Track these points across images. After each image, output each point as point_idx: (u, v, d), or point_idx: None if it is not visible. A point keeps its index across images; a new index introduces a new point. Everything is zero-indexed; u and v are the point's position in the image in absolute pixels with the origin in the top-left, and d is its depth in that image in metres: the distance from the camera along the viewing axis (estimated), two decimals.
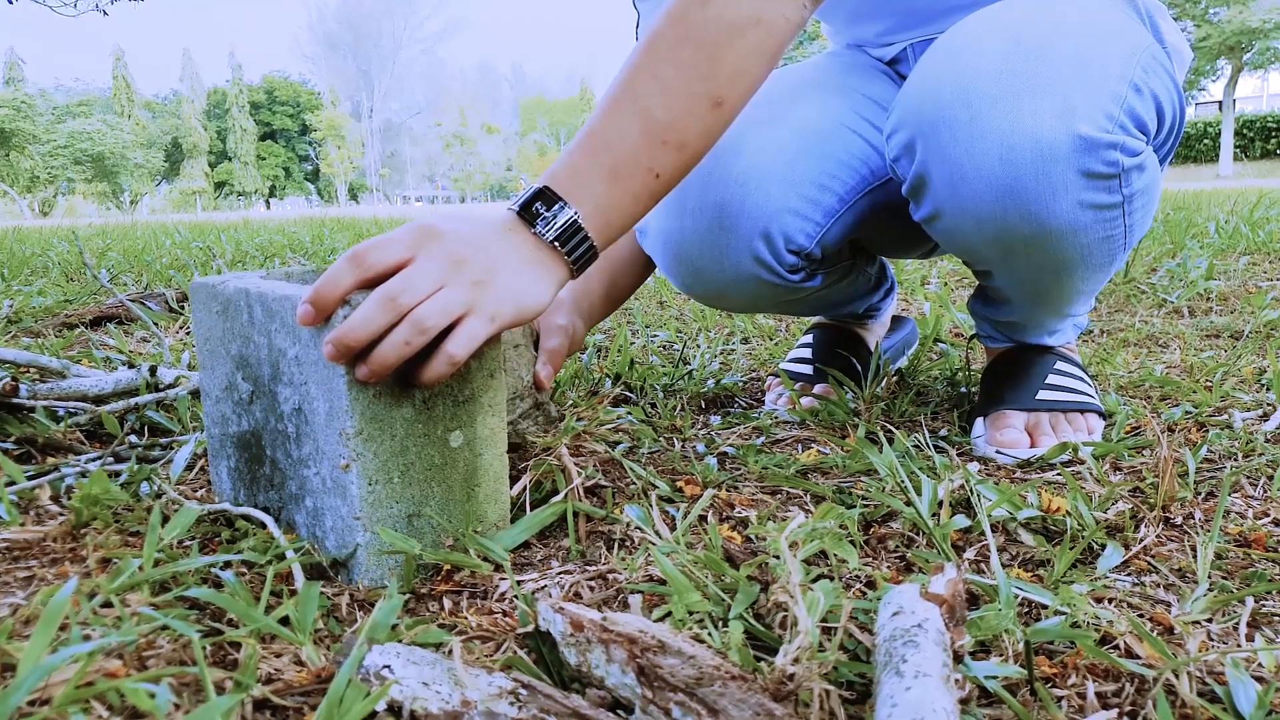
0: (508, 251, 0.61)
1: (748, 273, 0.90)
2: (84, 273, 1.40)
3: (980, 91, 0.71)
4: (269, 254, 3.53)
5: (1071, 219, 0.73)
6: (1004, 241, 0.77)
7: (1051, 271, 0.80)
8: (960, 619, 0.46)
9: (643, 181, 0.65)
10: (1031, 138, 0.69)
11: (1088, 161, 0.70)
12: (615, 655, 0.44)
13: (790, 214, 0.87)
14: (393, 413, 0.60)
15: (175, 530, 0.60)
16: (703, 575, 0.57)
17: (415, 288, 0.56)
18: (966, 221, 0.76)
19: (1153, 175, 0.76)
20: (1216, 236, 2.97)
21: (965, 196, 0.74)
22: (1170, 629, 0.54)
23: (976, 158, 0.72)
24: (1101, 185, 0.72)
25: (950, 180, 0.74)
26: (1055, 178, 0.70)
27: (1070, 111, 0.69)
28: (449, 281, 0.58)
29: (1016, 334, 0.96)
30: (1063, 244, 0.75)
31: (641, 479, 0.79)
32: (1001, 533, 0.68)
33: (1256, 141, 24.60)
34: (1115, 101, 0.69)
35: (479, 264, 0.59)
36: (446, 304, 0.57)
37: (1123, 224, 0.76)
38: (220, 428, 0.72)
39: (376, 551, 0.60)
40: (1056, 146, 0.69)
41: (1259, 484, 0.78)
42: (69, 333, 1.61)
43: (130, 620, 0.50)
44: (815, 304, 1.08)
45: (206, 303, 0.71)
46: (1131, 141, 0.71)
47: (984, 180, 0.72)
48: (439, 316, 0.57)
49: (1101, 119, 0.69)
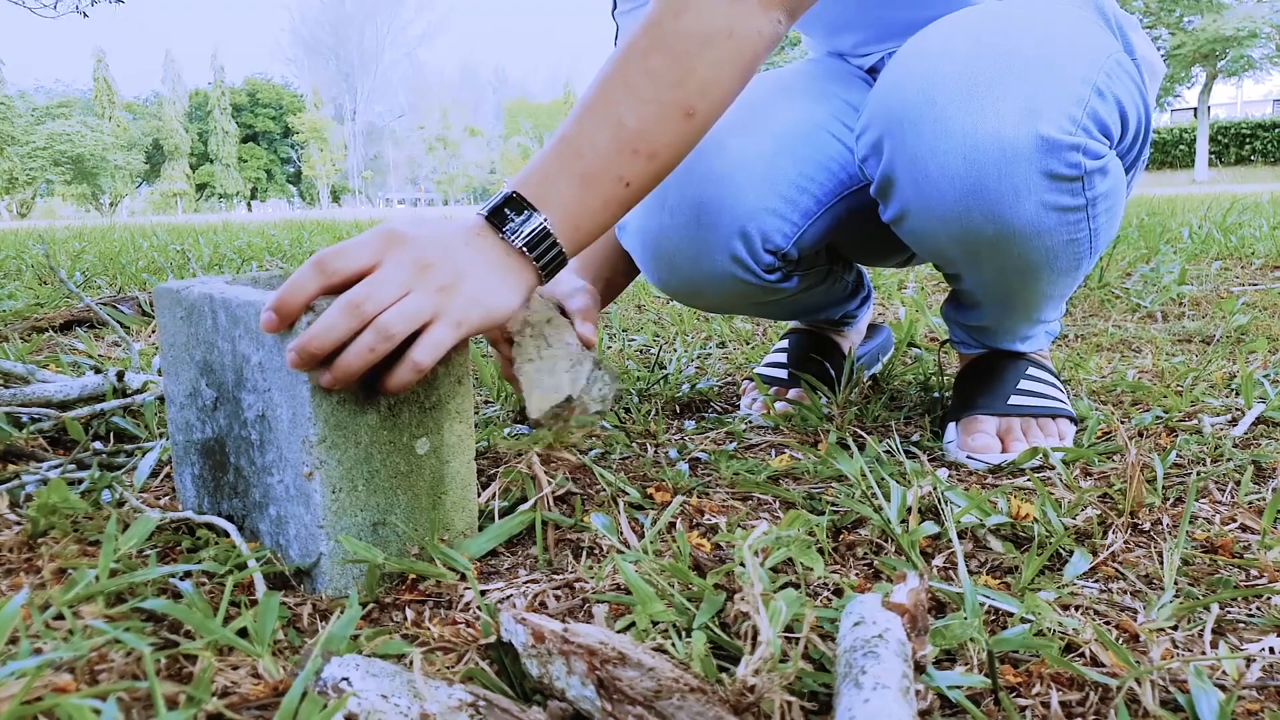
0: (475, 256, 0.61)
1: (724, 271, 0.90)
2: (58, 276, 1.38)
3: (945, 91, 0.71)
4: (247, 257, 3.51)
5: (1035, 220, 0.73)
6: (968, 242, 0.77)
7: (1017, 274, 0.80)
8: (923, 628, 0.46)
9: (613, 189, 0.65)
10: (995, 137, 0.70)
11: (1050, 163, 0.70)
12: (576, 667, 0.43)
13: (768, 213, 0.87)
14: (357, 419, 0.60)
15: (133, 540, 0.59)
16: (669, 584, 0.57)
17: (379, 294, 0.56)
18: (931, 221, 0.77)
19: (1116, 180, 0.77)
20: (1190, 241, 3.00)
21: (930, 196, 0.75)
22: (1136, 636, 0.54)
23: (941, 157, 0.72)
24: (1065, 187, 0.72)
25: (915, 180, 0.75)
26: (1018, 178, 0.71)
27: (1033, 112, 0.69)
28: (414, 287, 0.57)
29: (988, 339, 0.97)
30: (1027, 246, 0.76)
31: (611, 486, 0.79)
32: (970, 539, 0.68)
33: (1231, 147, 24.91)
34: (1078, 104, 0.70)
35: (446, 269, 0.58)
36: (412, 310, 0.56)
37: (1087, 228, 0.77)
38: (184, 434, 0.71)
39: (340, 560, 0.60)
40: (1019, 146, 0.69)
41: (1226, 489, 0.78)
42: (37, 336, 1.58)
43: (82, 633, 0.49)
44: (792, 308, 1.08)
45: (171, 308, 0.70)
46: (1094, 145, 0.71)
47: (948, 180, 0.73)
48: (404, 323, 0.56)
49: (1064, 120, 0.69)
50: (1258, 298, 1.86)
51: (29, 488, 0.76)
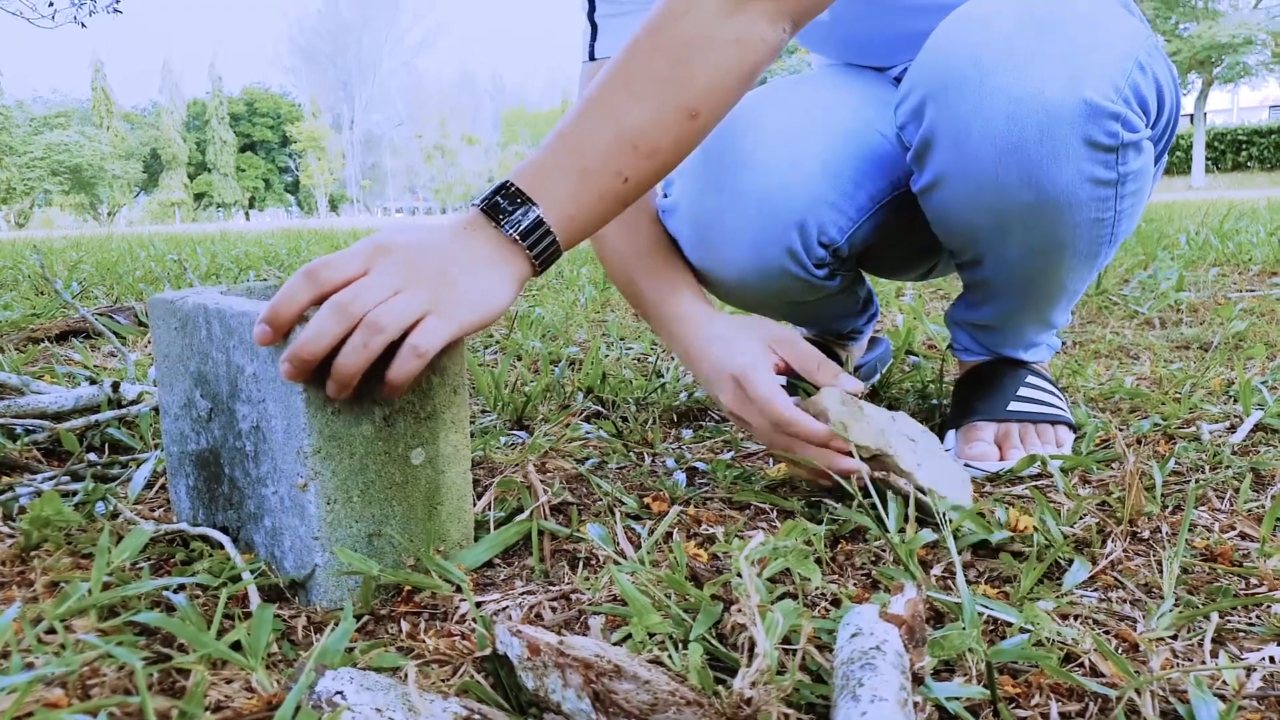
0: (466, 254, 0.61)
1: (777, 264, 0.90)
2: (53, 286, 1.38)
3: (992, 55, 0.72)
4: (244, 266, 3.50)
5: (1070, 189, 0.74)
6: (1002, 209, 0.77)
7: (1042, 253, 0.80)
8: (920, 639, 0.45)
9: (610, 184, 0.65)
10: (1039, 98, 0.70)
11: (1091, 129, 0.71)
12: (571, 680, 0.43)
13: (827, 206, 0.88)
14: (352, 430, 0.59)
15: (126, 553, 0.58)
16: (665, 595, 0.56)
17: (366, 295, 0.56)
18: (967, 185, 0.77)
19: (1147, 162, 0.77)
20: (1187, 248, 3.01)
21: (969, 158, 0.75)
22: (1135, 646, 0.53)
23: (984, 114, 0.72)
24: (1101, 158, 0.73)
25: (955, 139, 0.75)
26: (1059, 141, 0.71)
27: (1078, 77, 0.70)
28: (404, 287, 0.57)
29: (993, 342, 0.96)
30: (1058, 217, 0.76)
31: (608, 495, 0.78)
32: (969, 550, 0.68)
33: (1227, 154, 24.98)
34: (1122, 75, 0.71)
35: (435, 269, 0.58)
36: (400, 307, 0.56)
37: (1114, 208, 0.77)
38: (179, 446, 0.71)
39: (335, 572, 0.59)
40: (1063, 109, 0.70)
41: (1225, 497, 0.78)
42: (33, 347, 1.58)
43: (74, 647, 0.49)
44: (813, 313, 1.08)
45: (165, 319, 0.70)
46: (1133, 117, 0.72)
47: (989, 139, 0.73)
48: (393, 318, 0.56)
49: (1108, 88, 0.70)
50: (1255, 304, 1.86)
51: (22, 500, 0.75)
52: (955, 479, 0.74)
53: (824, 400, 0.75)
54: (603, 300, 2.28)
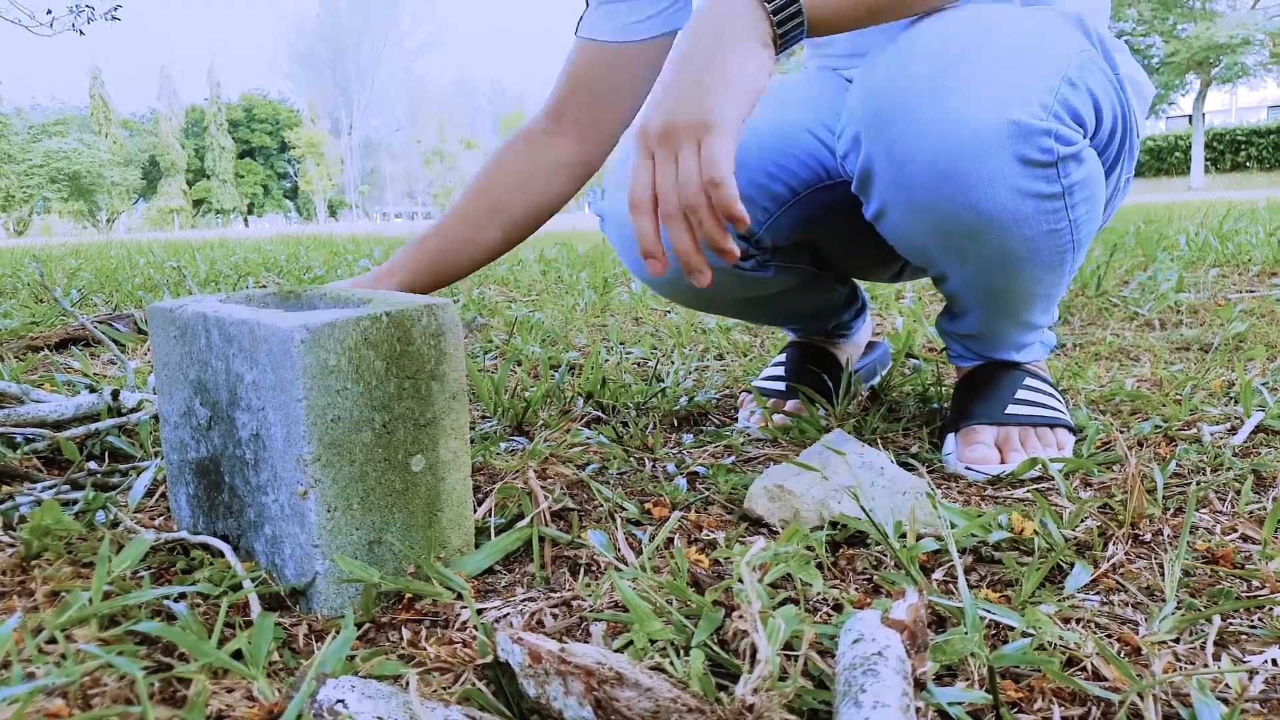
0: (712, 45, 0.68)
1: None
2: (52, 294, 1.38)
3: (919, 83, 0.73)
4: (243, 273, 3.51)
5: (1011, 206, 0.74)
6: (947, 232, 0.78)
7: (1000, 267, 0.81)
8: (922, 645, 0.45)
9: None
10: (967, 123, 0.71)
11: (1022, 147, 0.71)
12: (573, 687, 0.43)
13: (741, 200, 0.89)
14: (352, 437, 0.59)
15: (126, 561, 0.58)
16: (667, 602, 0.56)
17: (651, 190, 0.68)
18: (910, 213, 0.78)
19: (1092, 170, 0.78)
20: (1187, 249, 3.01)
21: (907, 186, 0.76)
22: (1137, 649, 0.53)
23: (915, 146, 0.74)
24: (1039, 173, 0.73)
25: (892, 171, 0.76)
26: (991, 162, 0.72)
27: (1004, 100, 0.71)
28: (677, 144, 0.67)
29: (982, 348, 0.97)
30: (1005, 234, 0.76)
31: (609, 501, 0.78)
32: (971, 553, 0.68)
33: (1226, 154, 24.99)
34: (1049, 92, 0.72)
35: (691, 86, 0.67)
36: (683, 172, 0.66)
37: (1067, 217, 0.77)
38: (179, 454, 0.71)
39: (336, 580, 0.59)
40: (991, 131, 0.71)
41: (1227, 499, 0.78)
42: (32, 355, 1.58)
43: (74, 657, 0.48)
44: (782, 311, 1.10)
45: (164, 327, 0.70)
46: (1066, 131, 0.73)
47: (923, 168, 0.74)
48: (687, 190, 0.66)
49: (1035, 107, 0.71)
50: (1255, 304, 1.86)
51: (23, 509, 0.75)
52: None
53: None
54: (602, 304, 2.28)
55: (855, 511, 0.71)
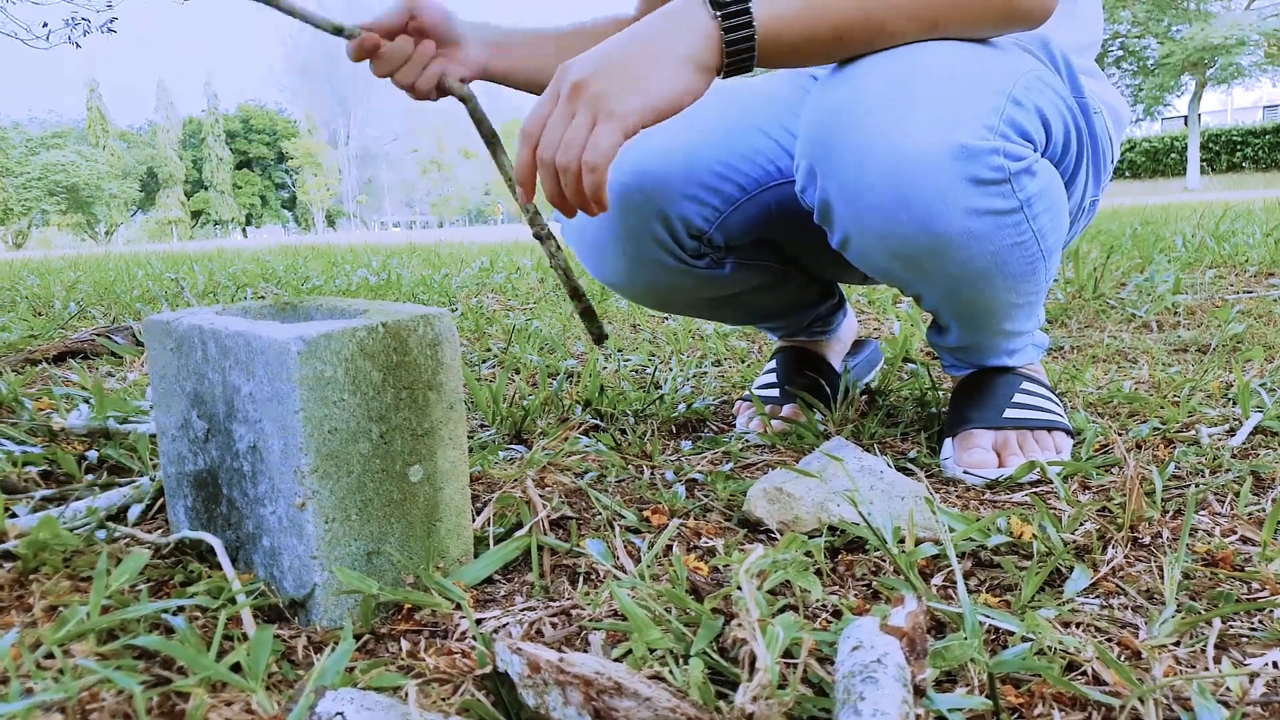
0: (653, 38, 0.68)
1: (651, 256, 0.95)
2: (51, 307, 1.38)
3: (865, 113, 0.73)
4: (241, 284, 3.51)
5: (968, 226, 0.74)
6: (909, 256, 0.78)
7: (970, 283, 0.81)
8: (921, 651, 0.45)
9: (821, 26, 0.71)
10: (914, 150, 0.72)
11: (972, 168, 0.72)
12: (572, 698, 0.43)
13: (686, 199, 0.92)
14: (349, 448, 0.59)
15: (125, 575, 0.58)
16: (666, 610, 0.56)
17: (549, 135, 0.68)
18: (870, 240, 0.78)
19: (1047, 181, 0.78)
20: (1184, 250, 3.01)
21: (863, 215, 0.76)
22: (1138, 654, 0.53)
23: (866, 176, 0.74)
24: (993, 190, 0.73)
25: (847, 201, 0.77)
26: (942, 185, 0.72)
27: (948, 124, 0.71)
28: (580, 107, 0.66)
29: (973, 358, 0.97)
30: (968, 253, 0.77)
31: (608, 509, 0.78)
32: (970, 557, 0.68)
33: (1222, 155, 25.03)
34: (994, 113, 0.72)
35: (618, 67, 0.67)
36: (571, 136, 0.66)
37: (1031, 229, 0.77)
38: (177, 466, 0.71)
39: (335, 591, 0.59)
40: (938, 156, 0.71)
41: (1226, 500, 0.78)
42: (31, 369, 1.58)
43: (72, 672, 0.48)
44: (751, 310, 1.11)
45: (161, 340, 0.70)
46: (1015, 147, 0.73)
47: (876, 196, 0.74)
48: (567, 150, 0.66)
49: (979, 129, 0.71)
50: (1252, 305, 1.86)
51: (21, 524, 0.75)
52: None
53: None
54: (600, 312, 2.28)
55: (854, 516, 0.71)
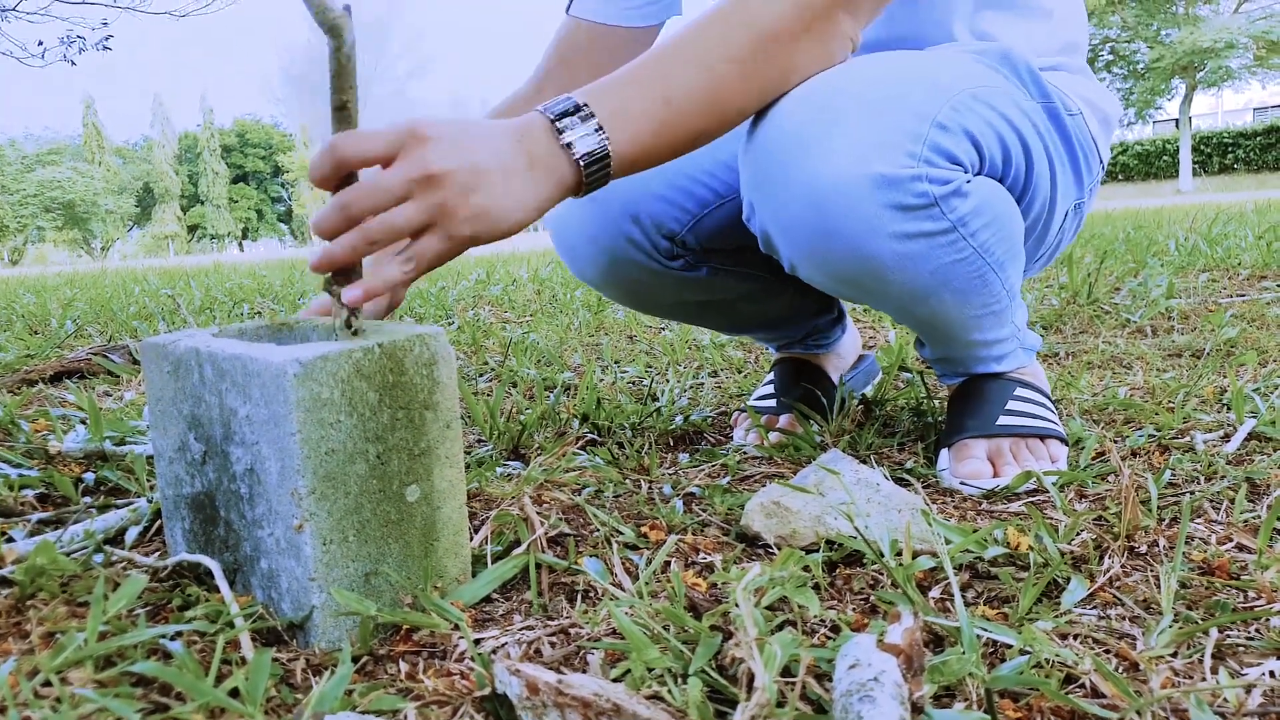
0: (509, 149, 0.62)
1: (624, 255, 0.96)
2: (48, 325, 1.38)
3: (791, 148, 0.74)
4: (238, 299, 3.51)
5: (900, 250, 0.75)
6: (849, 280, 0.79)
7: (919, 301, 0.81)
8: (919, 668, 0.45)
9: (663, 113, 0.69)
10: (833, 183, 0.72)
11: (895, 195, 0.72)
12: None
13: (658, 199, 0.94)
14: (346, 470, 0.59)
15: (122, 601, 0.58)
16: (664, 627, 0.56)
17: (369, 200, 0.58)
18: (813, 268, 0.79)
19: (983, 198, 0.77)
20: (1177, 254, 3.02)
21: (800, 246, 0.77)
22: (1135, 665, 0.53)
23: (794, 209, 0.75)
24: (920, 214, 0.73)
25: (783, 233, 0.78)
26: (866, 214, 0.72)
27: (865, 156, 0.71)
28: (414, 194, 0.57)
29: (957, 368, 0.97)
30: (907, 274, 0.77)
31: (605, 526, 0.78)
32: (967, 569, 0.68)
33: (1214, 157, 25.13)
34: (915, 140, 0.71)
35: (457, 177, 0.58)
36: (400, 221, 0.58)
37: (970, 245, 0.77)
38: (174, 489, 0.71)
39: (333, 613, 0.59)
40: (858, 187, 0.72)
41: (1221, 508, 0.78)
42: (27, 389, 1.58)
43: (70, 701, 0.48)
44: (741, 318, 1.12)
45: (157, 362, 0.70)
46: (940, 172, 0.73)
47: (806, 228, 0.75)
48: (386, 232, 0.57)
49: (900, 156, 0.71)
50: (1245, 309, 1.87)
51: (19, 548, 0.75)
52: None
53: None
54: (596, 323, 2.28)
55: (851, 530, 0.71)
